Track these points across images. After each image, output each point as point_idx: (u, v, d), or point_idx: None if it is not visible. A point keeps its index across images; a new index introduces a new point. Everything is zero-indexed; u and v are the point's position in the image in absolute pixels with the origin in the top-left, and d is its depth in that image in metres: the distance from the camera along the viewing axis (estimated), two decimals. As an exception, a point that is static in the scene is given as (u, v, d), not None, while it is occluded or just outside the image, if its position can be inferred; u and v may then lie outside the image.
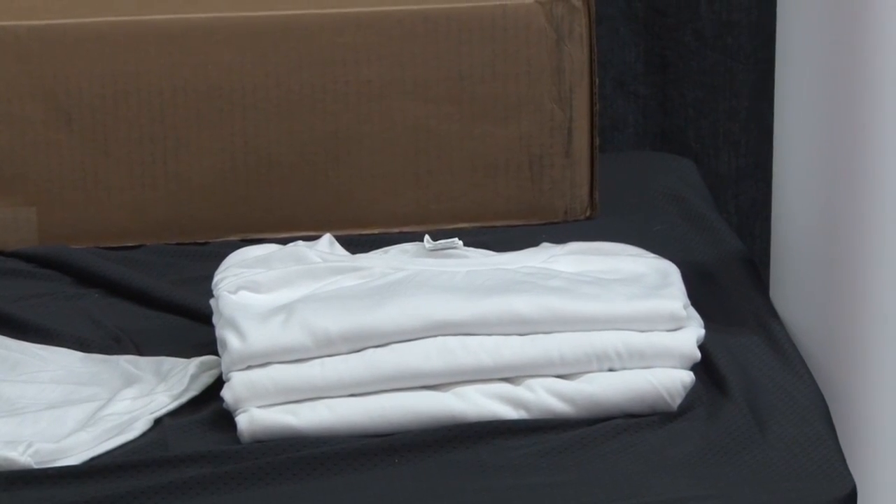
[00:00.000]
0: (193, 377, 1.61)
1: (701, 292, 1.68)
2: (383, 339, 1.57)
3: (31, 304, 1.74)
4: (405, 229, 1.83)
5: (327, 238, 1.72)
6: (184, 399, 1.60)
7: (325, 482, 1.49)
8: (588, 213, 1.88)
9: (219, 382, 1.58)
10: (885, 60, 1.64)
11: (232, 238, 1.83)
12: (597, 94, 1.85)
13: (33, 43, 1.80)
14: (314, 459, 1.51)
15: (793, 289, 1.73)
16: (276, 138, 1.83)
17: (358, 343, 1.56)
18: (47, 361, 1.65)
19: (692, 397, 1.58)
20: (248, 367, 1.56)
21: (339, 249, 1.70)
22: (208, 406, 1.59)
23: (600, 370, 1.57)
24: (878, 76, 1.65)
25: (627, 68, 2.07)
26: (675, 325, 1.59)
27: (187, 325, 1.70)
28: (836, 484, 1.50)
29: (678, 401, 1.57)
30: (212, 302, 1.63)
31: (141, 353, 1.66)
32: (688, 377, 1.58)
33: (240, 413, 1.55)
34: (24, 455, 1.51)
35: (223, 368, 1.57)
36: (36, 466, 1.51)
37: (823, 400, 1.62)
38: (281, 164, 1.84)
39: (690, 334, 1.59)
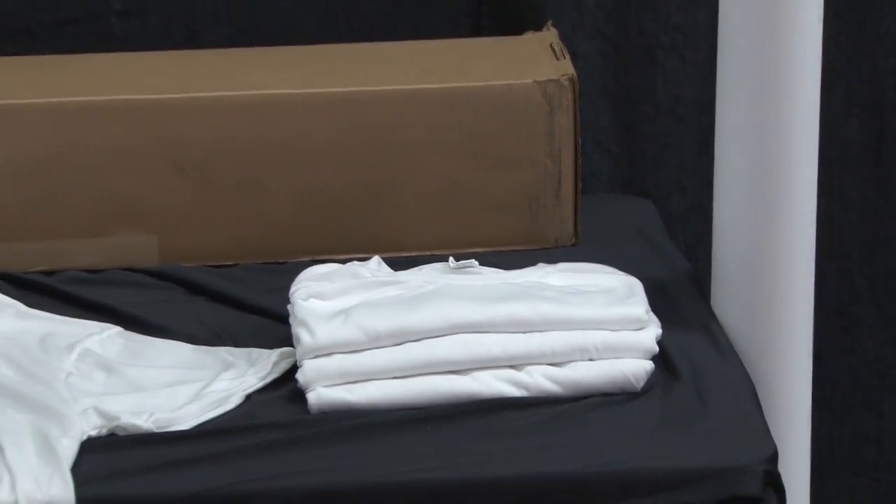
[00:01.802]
0: (275, 363, 1.61)
1: (658, 301, 1.68)
2: (418, 336, 1.57)
3: (153, 308, 1.74)
4: (435, 253, 1.82)
5: (376, 259, 1.72)
6: (268, 380, 1.60)
7: (373, 443, 1.49)
8: (573, 241, 1.88)
9: (294, 368, 1.58)
10: (796, 127, 1.65)
11: (304, 259, 1.82)
12: (580, 151, 1.85)
13: (155, 112, 1.81)
14: (366, 426, 1.51)
15: (728, 298, 1.72)
16: (337, 184, 1.83)
17: (399, 338, 1.56)
18: (164, 351, 1.65)
19: (651, 381, 1.58)
20: (316, 357, 1.56)
21: (385, 268, 1.71)
22: (286, 386, 1.59)
23: (582, 360, 1.57)
24: (791, 139, 1.66)
25: (602, 132, 2.07)
26: (639, 326, 1.59)
27: (271, 325, 1.70)
28: (762, 447, 1.50)
29: (641, 384, 1.57)
30: (289, 307, 1.64)
31: (236, 346, 1.66)
32: (648, 365, 1.58)
33: (309, 391, 1.55)
34: (147, 422, 1.51)
35: (297, 357, 1.58)
36: (156, 430, 1.51)
37: (751, 383, 1.61)
38: (341, 202, 1.84)
39: (650, 333, 1.59)
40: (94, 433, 1.50)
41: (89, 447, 1.48)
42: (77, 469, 1.45)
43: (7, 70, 1.88)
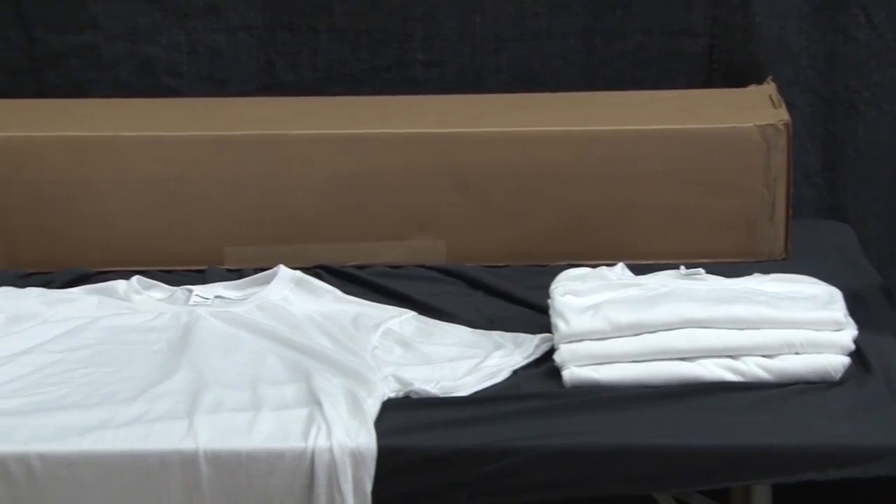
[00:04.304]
0: (537, 346, 1.60)
1: (854, 308, 1.62)
2: (654, 328, 1.54)
3: (441, 297, 1.73)
4: (668, 262, 1.78)
5: (620, 265, 1.69)
6: (530, 359, 1.58)
7: (615, 413, 1.47)
8: (783, 256, 1.82)
9: (552, 350, 1.57)
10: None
11: (561, 263, 1.80)
12: (791, 183, 1.80)
13: (447, 143, 1.81)
14: (609, 399, 1.49)
15: (914, 308, 1.66)
16: (590, 203, 1.81)
17: (638, 329, 1.54)
18: (449, 333, 1.65)
19: (847, 373, 1.52)
20: (570, 342, 1.54)
21: (628, 272, 1.68)
22: (545, 364, 1.57)
23: (790, 353, 1.52)
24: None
25: (810, 168, 2.02)
26: (838, 328, 1.54)
27: (533, 315, 1.68)
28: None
29: (839, 375, 1.52)
30: (549, 301, 1.62)
31: (506, 331, 1.65)
32: (846, 360, 1.52)
33: (564, 369, 1.53)
34: (434, 388, 1.52)
35: (554, 341, 1.56)
36: (441, 395, 1.51)
37: (933, 379, 1.55)
38: (593, 218, 1.82)
39: (848, 334, 1.54)
40: (392, 395, 1.51)
41: (389, 406, 1.49)
42: (379, 423, 1.46)
43: (334, 107, 1.91)
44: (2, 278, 1.73)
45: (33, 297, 1.65)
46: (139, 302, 1.67)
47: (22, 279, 1.74)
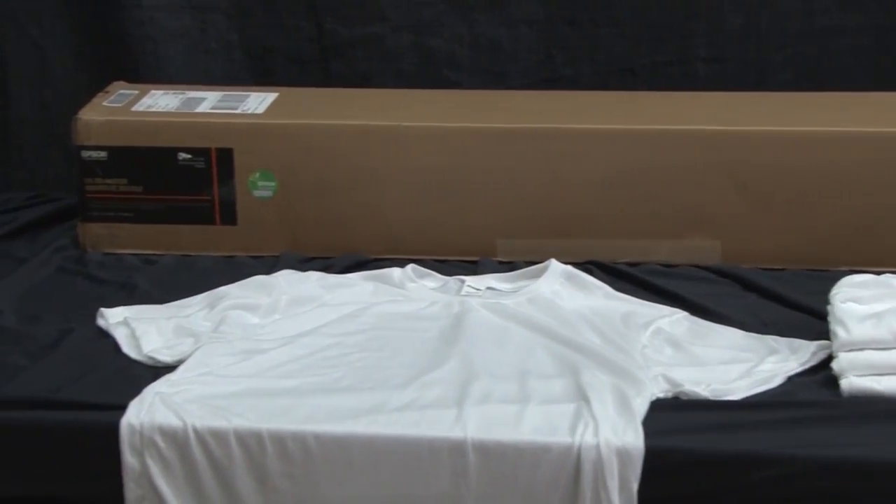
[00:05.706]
0: (814, 353, 1.55)
1: None
2: (941, 341, 1.47)
3: (713, 299, 1.69)
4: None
5: (906, 272, 1.63)
6: (806, 366, 1.54)
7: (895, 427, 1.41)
8: None
9: (829, 358, 1.52)
10: None
11: (842, 268, 1.73)
12: None
13: (725, 141, 1.76)
14: (889, 412, 1.43)
15: None
16: (871, 207, 1.74)
17: (923, 341, 1.48)
18: (721, 335, 1.60)
19: None
20: (850, 350, 1.49)
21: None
22: (821, 372, 1.52)
23: None
24: None
25: None
26: None
27: (810, 321, 1.63)
28: None
29: None
30: (828, 307, 1.56)
31: (780, 335, 1.60)
32: None
33: (843, 378, 1.49)
34: (705, 390, 1.49)
35: (833, 349, 1.51)
36: (712, 398, 1.48)
37: None
38: (875, 222, 1.74)
39: None
40: (661, 395, 1.49)
41: (657, 406, 1.47)
42: (647, 423, 1.44)
43: (612, 102, 1.89)
44: (285, 262, 1.78)
45: (314, 281, 1.70)
46: (413, 290, 1.69)
47: (303, 263, 1.79)
